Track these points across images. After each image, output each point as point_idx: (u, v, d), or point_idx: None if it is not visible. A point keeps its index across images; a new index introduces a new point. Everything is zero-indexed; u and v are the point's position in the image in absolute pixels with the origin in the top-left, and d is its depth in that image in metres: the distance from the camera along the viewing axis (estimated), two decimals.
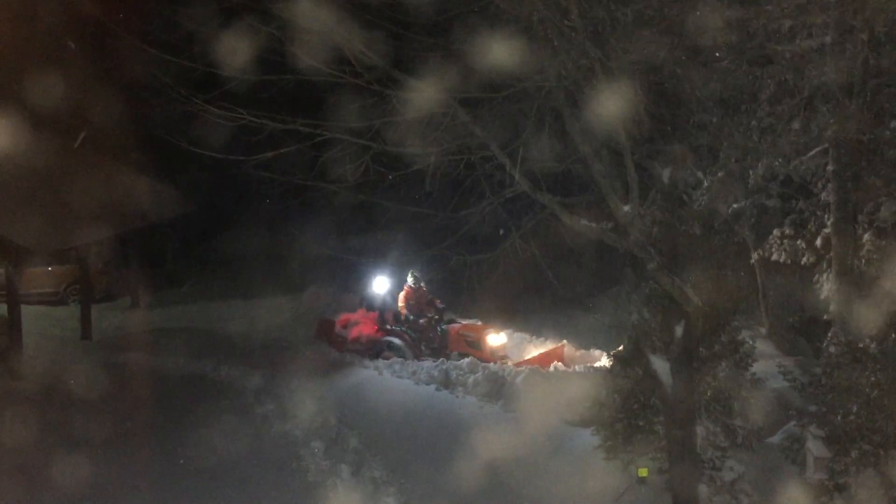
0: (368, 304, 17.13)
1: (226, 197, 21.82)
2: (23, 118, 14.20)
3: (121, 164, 17.23)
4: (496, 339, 15.67)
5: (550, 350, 15.69)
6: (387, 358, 15.40)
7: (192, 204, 20.80)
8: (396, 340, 15.76)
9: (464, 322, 16.31)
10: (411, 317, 16.07)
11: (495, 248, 10.14)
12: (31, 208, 12.70)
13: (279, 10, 8.75)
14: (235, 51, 9.37)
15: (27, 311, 15.09)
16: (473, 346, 15.44)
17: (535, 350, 16.09)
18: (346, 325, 16.86)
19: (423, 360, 15.06)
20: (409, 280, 16.23)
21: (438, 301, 16.35)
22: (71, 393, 12.86)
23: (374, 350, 15.87)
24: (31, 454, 10.52)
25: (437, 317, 16.16)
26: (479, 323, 16.48)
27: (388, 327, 16.18)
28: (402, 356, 15.38)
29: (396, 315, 16.23)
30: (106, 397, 12.53)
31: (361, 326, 16.53)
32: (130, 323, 19.13)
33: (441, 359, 14.91)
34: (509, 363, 14.69)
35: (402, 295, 16.31)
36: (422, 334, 15.94)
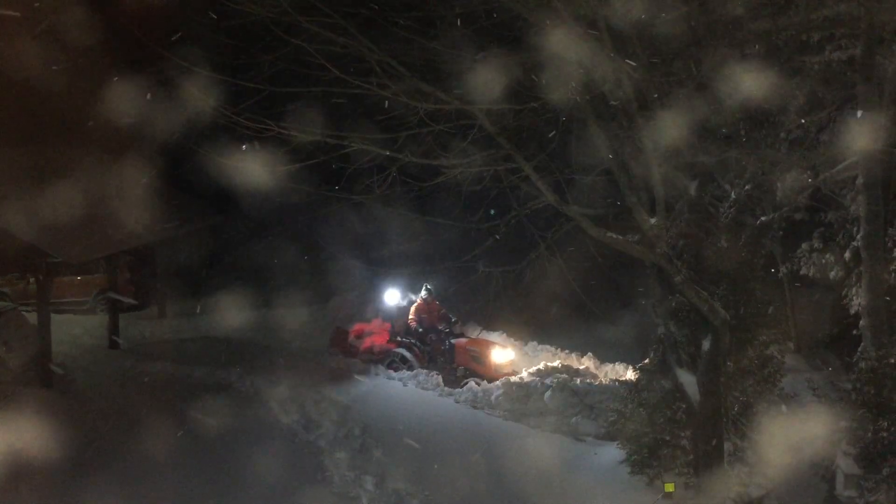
0: (384, 315, 17.46)
1: (251, 208, 21.97)
2: (55, 129, 14.40)
3: (148, 175, 17.40)
4: (501, 355, 15.56)
5: None
6: (395, 369, 15.64)
7: (217, 215, 21.01)
8: (405, 352, 15.93)
9: (472, 337, 16.38)
10: (420, 329, 16.24)
11: (521, 260, 10.12)
12: (60, 218, 12.82)
13: (304, 24, 8.83)
14: (263, 63, 9.45)
15: (56, 320, 15.24)
16: (477, 362, 15.47)
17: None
18: (359, 335, 17.10)
19: (432, 373, 15.25)
20: (423, 293, 16.45)
21: (451, 315, 16.47)
22: (98, 401, 12.98)
23: (385, 360, 16.05)
24: (59, 460, 10.60)
25: (447, 330, 16.22)
26: (493, 338, 16.49)
27: (399, 339, 16.38)
28: (410, 368, 15.60)
29: (407, 327, 16.44)
30: (132, 406, 12.63)
31: (374, 337, 16.79)
32: (157, 332, 19.30)
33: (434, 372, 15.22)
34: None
35: (413, 308, 16.54)
36: (431, 347, 16.05)
